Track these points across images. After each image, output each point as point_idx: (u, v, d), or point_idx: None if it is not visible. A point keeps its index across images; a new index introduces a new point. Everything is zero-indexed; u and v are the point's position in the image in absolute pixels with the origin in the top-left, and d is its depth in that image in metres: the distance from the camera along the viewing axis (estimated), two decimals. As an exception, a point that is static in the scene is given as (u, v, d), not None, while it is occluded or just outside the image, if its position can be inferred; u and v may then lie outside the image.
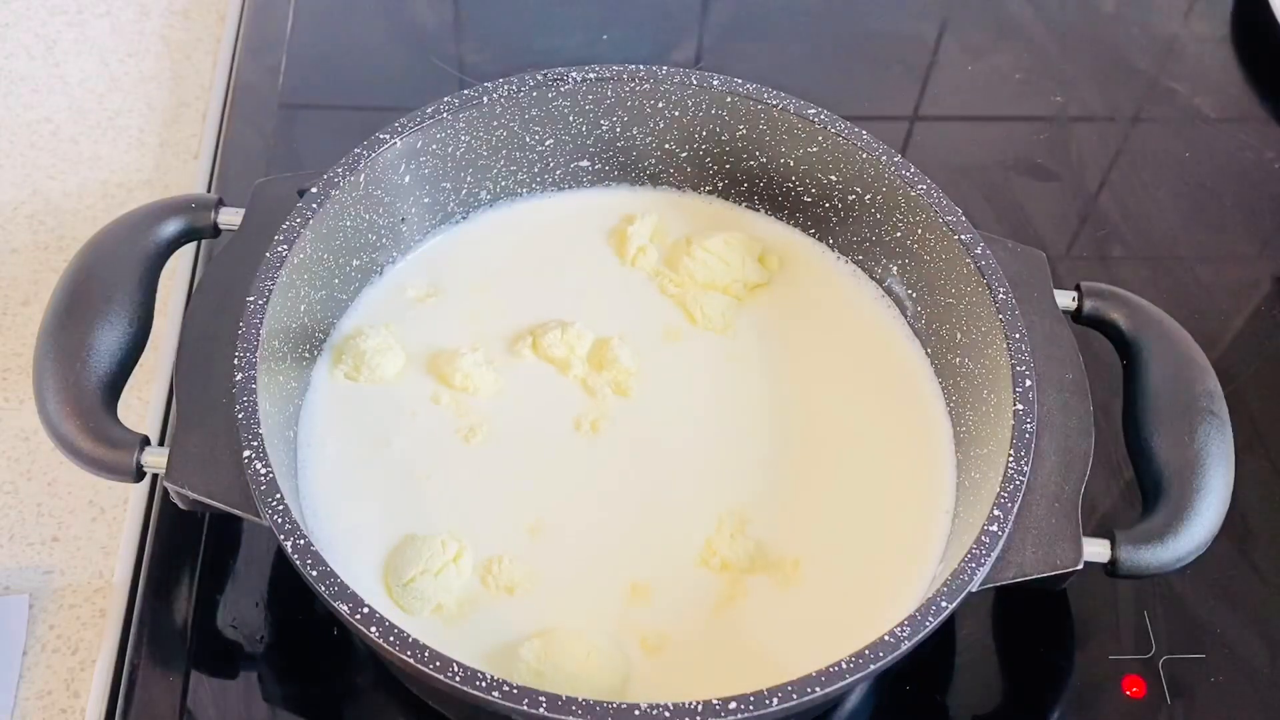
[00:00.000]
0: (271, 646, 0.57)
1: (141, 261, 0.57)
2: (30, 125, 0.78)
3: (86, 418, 0.53)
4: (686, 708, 0.44)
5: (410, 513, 0.56)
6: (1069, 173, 0.78)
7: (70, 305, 0.55)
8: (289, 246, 0.55)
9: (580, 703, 0.44)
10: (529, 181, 0.65)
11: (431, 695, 0.54)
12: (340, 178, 0.58)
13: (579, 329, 0.60)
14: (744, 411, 0.59)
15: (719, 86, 0.62)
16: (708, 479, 0.57)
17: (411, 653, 0.45)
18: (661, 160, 0.65)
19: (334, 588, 0.47)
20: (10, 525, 0.62)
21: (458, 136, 0.61)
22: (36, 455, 0.64)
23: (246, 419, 0.50)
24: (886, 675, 0.47)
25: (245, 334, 0.53)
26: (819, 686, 0.45)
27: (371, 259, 0.62)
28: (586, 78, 0.62)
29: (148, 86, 0.81)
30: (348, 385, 0.59)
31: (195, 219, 0.59)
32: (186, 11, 0.85)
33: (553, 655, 0.51)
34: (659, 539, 0.55)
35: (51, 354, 0.54)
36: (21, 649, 0.58)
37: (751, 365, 0.61)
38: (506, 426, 0.58)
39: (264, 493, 0.49)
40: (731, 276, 0.63)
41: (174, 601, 0.58)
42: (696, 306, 0.62)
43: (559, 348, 0.60)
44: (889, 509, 0.56)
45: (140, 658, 0.56)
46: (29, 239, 0.73)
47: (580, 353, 0.60)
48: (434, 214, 0.64)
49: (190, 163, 0.77)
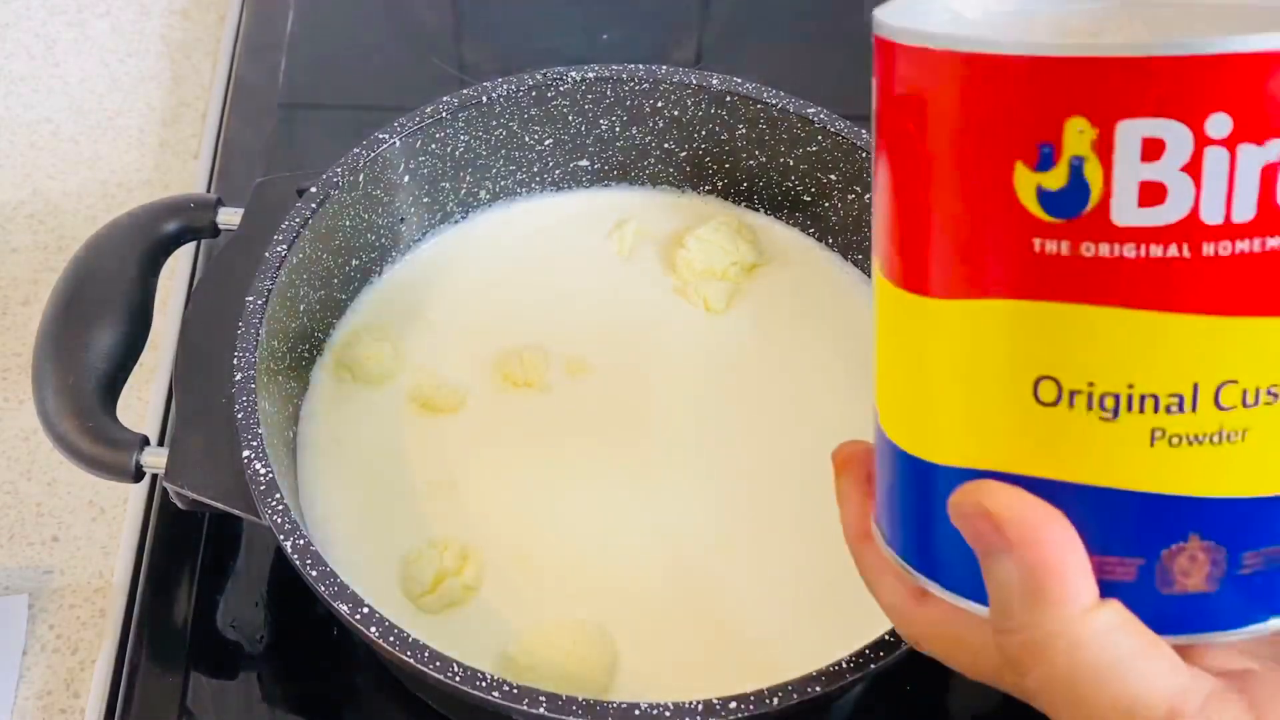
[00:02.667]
0: (271, 647, 0.57)
1: (141, 261, 0.57)
2: (30, 125, 0.78)
3: (85, 417, 0.53)
4: (687, 707, 0.44)
5: (410, 513, 0.56)
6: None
7: (69, 305, 0.55)
8: (288, 246, 0.55)
9: (581, 702, 0.44)
10: (528, 181, 0.65)
11: (432, 695, 0.54)
12: (339, 177, 0.58)
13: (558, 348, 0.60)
14: (745, 408, 0.59)
15: (718, 86, 0.62)
16: (706, 475, 0.57)
17: (411, 653, 0.45)
18: (661, 160, 0.65)
19: (334, 588, 0.47)
20: (10, 525, 0.62)
21: (457, 136, 0.61)
22: (36, 455, 0.64)
23: (246, 419, 0.50)
24: (886, 675, 0.47)
25: (245, 334, 0.53)
26: (819, 686, 0.45)
27: (371, 259, 0.62)
28: (586, 77, 0.62)
29: (147, 86, 0.81)
30: (348, 386, 0.59)
31: (194, 219, 0.59)
32: (186, 11, 0.85)
33: (539, 649, 0.51)
34: (657, 535, 0.55)
35: (51, 354, 0.54)
36: (21, 649, 0.58)
37: (751, 365, 0.61)
38: (507, 427, 0.58)
39: (263, 493, 0.49)
40: (728, 260, 0.63)
41: (174, 602, 0.58)
42: (698, 296, 0.62)
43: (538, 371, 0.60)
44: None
45: (140, 658, 0.56)
46: (29, 239, 0.73)
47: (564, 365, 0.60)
48: (433, 214, 0.63)
49: (190, 162, 0.77)
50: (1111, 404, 0.31)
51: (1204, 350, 0.30)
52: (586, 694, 0.45)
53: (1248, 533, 0.32)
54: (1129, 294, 0.30)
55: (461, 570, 0.54)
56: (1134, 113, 0.28)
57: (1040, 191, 0.30)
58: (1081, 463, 0.32)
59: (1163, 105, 0.28)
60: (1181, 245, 0.29)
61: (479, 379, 0.59)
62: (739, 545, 0.55)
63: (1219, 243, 0.29)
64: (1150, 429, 0.31)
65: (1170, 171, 0.29)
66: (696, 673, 0.51)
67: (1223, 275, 0.29)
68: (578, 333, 0.61)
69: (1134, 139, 0.28)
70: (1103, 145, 0.29)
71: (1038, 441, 0.32)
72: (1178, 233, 0.29)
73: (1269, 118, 0.28)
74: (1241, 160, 0.28)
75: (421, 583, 0.53)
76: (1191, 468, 0.31)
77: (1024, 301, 0.31)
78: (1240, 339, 0.30)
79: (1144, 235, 0.29)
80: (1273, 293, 0.30)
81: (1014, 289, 0.31)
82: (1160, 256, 0.29)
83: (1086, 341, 0.31)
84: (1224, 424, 0.31)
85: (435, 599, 0.53)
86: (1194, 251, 0.29)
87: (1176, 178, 0.29)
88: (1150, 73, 0.28)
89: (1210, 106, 0.28)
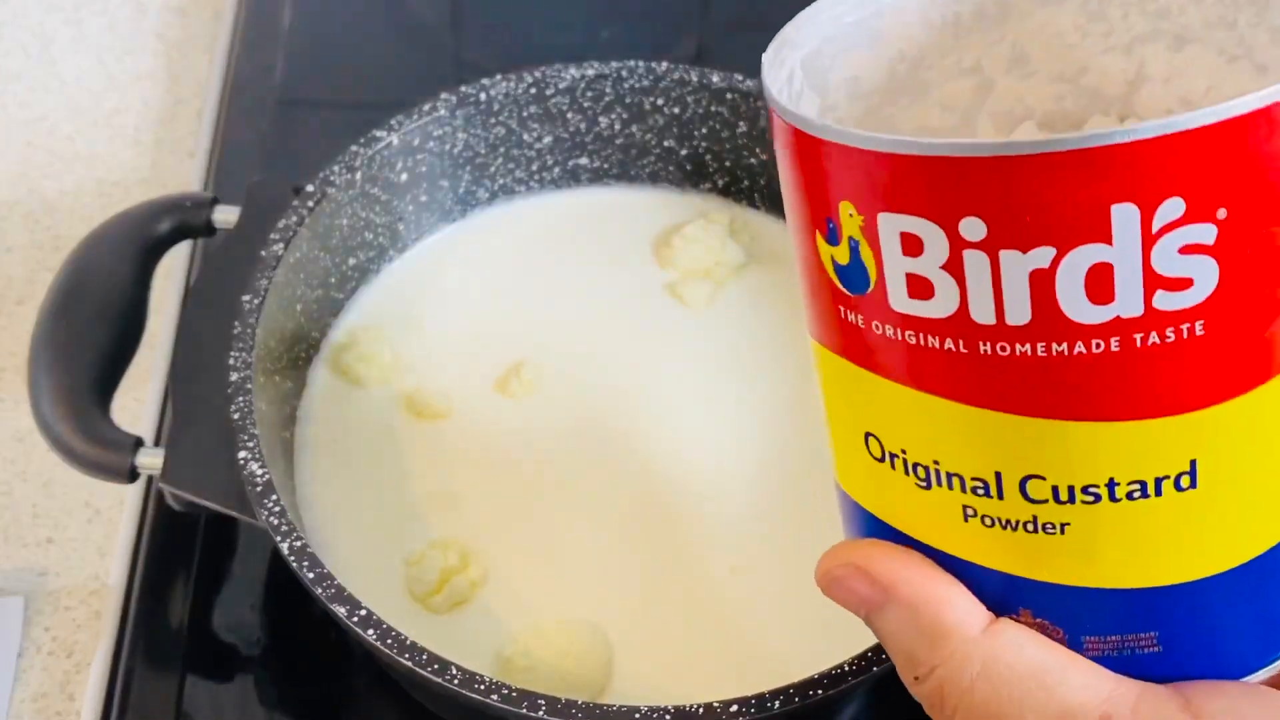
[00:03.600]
0: (268, 649, 0.57)
1: (136, 260, 0.57)
2: (26, 124, 0.78)
3: (81, 418, 0.52)
4: (688, 710, 0.44)
5: (409, 514, 0.55)
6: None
7: (64, 304, 0.55)
8: (285, 245, 0.55)
9: (580, 705, 0.44)
10: (527, 179, 0.65)
11: (430, 698, 0.54)
12: (337, 176, 0.57)
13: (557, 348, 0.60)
14: (742, 408, 0.59)
15: (719, 83, 0.61)
16: (704, 474, 0.57)
17: (409, 656, 0.45)
18: (661, 158, 0.65)
19: (331, 589, 0.46)
20: (5, 526, 0.62)
21: (455, 134, 0.61)
22: (32, 456, 0.64)
23: (242, 420, 0.50)
24: (889, 678, 0.46)
25: (241, 334, 0.52)
26: (821, 689, 0.45)
27: (368, 258, 0.61)
28: (585, 74, 0.61)
29: (144, 84, 0.80)
30: (345, 386, 0.59)
31: (190, 217, 0.59)
32: (183, 9, 0.84)
33: (536, 650, 0.51)
34: (655, 534, 0.55)
35: (45, 354, 0.54)
36: (16, 651, 0.58)
37: (749, 361, 0.60)
38: (504, 428, 0.58)
39: (260, 494, 0.49)
40: (713, 259, 0.62)
41: (170, 604, 0.58)
42: (681, 294, 0.62)
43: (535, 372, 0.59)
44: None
45: (136, 660, 0.56)
46: (24, 237, 0.72)
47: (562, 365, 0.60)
48: (431, 212, 0.63)
49: (187, 161, 0.76)
50: (924, 474, 0.30)
51: (997, 443, 0.29)
52: (583, 694, 0.45)
53: (1085, 620, 0.30)
54: (918, 378, 0.29)
55: (466, 568, 0.53)
56: (892, 207, 0.27)
57: (834, 264, 0.29)
58: (915, 522, 0.31)
59: (917, 204, 0.27)
60: (957, 340, 0.28)
61: (477, 379, 0.59)
62: (738, 545, 0.55)
63: (995, 343, 0.27)
64: (961, 505, 0.30)
65: (932, 268, 0.27)
66: (694, 673, 0.51)
67: (1005, 374, 0.28)
68: (576, 333, 0.61)
69: (894, 232, 0.27)
70: (869, 233, 0.28)
71: (879, 492, 0.32)
72: (951, 327, 0.28)
73: (1029, 225, 0.26)
74: (1005, 265, 0.26)
75: (427, 583, 0.53)
76: (1010, 549, 0.30)
77: (845, 360, 0.30)
78: (1036, 437, 0.28)
79: (920, 324, 0.28)
80: (1064, 396, 0.28)
81: (838, 348, 0.31)
82: (938, 348, 0.28)
83: (891, 411, 0.30)
84: (1038, 514, 0.29)
85: (443, 599, 0.52)
86: (970, 348, 0.28)
87: (939, 274, 0.27)
88: (906, 170, 0.27)
89: (962, 210, 0.26)
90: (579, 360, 0.60)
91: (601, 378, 0.60)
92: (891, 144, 0.27)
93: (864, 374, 0.30)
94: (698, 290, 0.62)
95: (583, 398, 0.59)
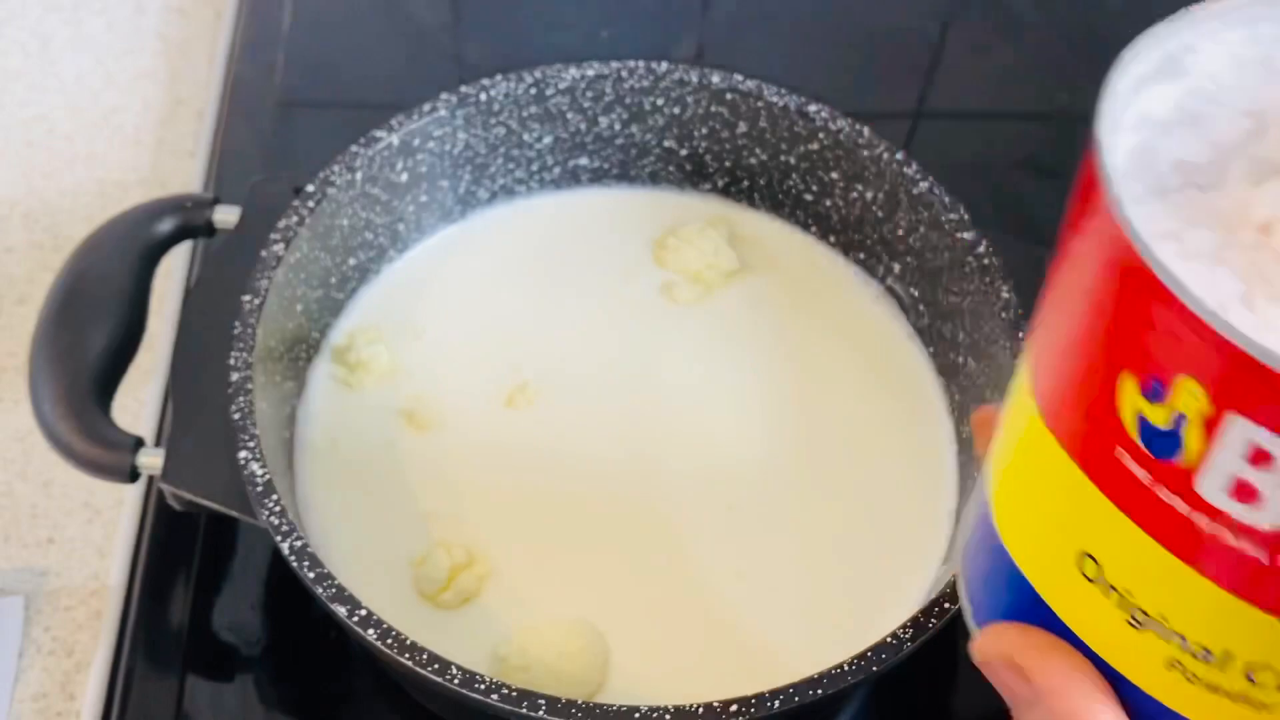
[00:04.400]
0: (268, 649, 0.57)
1: (136, 260, 0.57)
2: (25, 123, 0.78)
3: (81, 418, 0.52)
4: (687, 710, 0.44)
5: (410, 514, 0.55)
6: (1073, 171, 0.77)
7: (65, 305, 0.55)
8: (285, 245, 0.55)
9: (580, 706, 0.44)
10: (527, 180, 0.65)
11: (430, 698, 0.54)
12: (337, 176, 0.57)
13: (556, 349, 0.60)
14: (741, 410, 0.59)
15: (719, 83, 0.61)
16: (701, 477, 0.57)
17: (410, 655, 0.45)
18: (661, 158, 0.65)
19: (331, 589, 0.46)
20: (5, 526, 0.62)
21: (455, 134, 0.61)
22: (32, 456, 0.64)
23: (243, 420, 0.50)
24: (889, 678, 0.46)
25: (241, 334, 0.52)
26: (820, 689, 0.45)
27: (369, 258, 0.61)
28: (585, 75, 0.61)
29: (144, 84, 0.80)
30: (345, 386, 0.59)
31: (190, 217, 0.59)
32: (183, 9, 0.84)
33: (532, 648, 0.51)
34: (653, 534, 0.55)
35: (46, 354, 0.54)
36: (17, 651, 0.58)
37: (749, 364, 0.60)
38: (504, 430, 0.58)
39: (260, 494, 0.49)
40: (704, 263, 0.62)
41: (170, 604, 0.58)
42: (681, 295, 0.62)
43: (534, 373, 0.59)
44: (890, 510, 0.56)
45: (136, 661, 0.56)
46: (24, 238, 0.72)
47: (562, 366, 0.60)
48: (431, 213, 0.63)
49: (187, 161, 0.76)
50: (1142, 617, 0.29)
51: (1247, 632, 0.28)
52: (580, 693, 0.45)
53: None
54: (1187, 554, 0.28)
55: (472, 564, 0.53)
56: (1256, 418, 0.25)
57: (1141, 418, 0.27)
58: (1107, 644, 0.31)
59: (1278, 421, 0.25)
60: (1260, 548, 0.26)
61: (477, 381, 0.59)
62: (737, 545, 0.55)
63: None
64: (1171, 657, 0.29)
65: (1273, 484, 0.25)
66: (692, 672, 0.51)
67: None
68: (575, 334, 0.61)
69: (1243, 440, 0.25)
70: (1209, 423, 0.26)
71: (1068, 597, 0.31)
72: (1258, 536, 0.26)
73: None
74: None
75: (436, 580, 0.53)
76: (1200, 702, 0.30)
77: (1090, 481, 0.29)
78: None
79: (1222, 519, 0.26)
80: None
81: (1088, 468, 0.29)
82: (1231, 545, 0.27)
83: (1133, 558, 0.29)
84: (1248, 693, 0.29)
85: (453, 594, 0.53)
86: (1272, 559, 0.26)
87: (1276, 492, 0.25)
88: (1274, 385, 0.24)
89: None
90: (578, 362, 0.60)
91: (600, 379, 0.60)
92: (1270, 355, 0.24)
93: (1112, 509, 0.29)
94: (689, 292, 0.62)
95: (581, 399, 0.59)
